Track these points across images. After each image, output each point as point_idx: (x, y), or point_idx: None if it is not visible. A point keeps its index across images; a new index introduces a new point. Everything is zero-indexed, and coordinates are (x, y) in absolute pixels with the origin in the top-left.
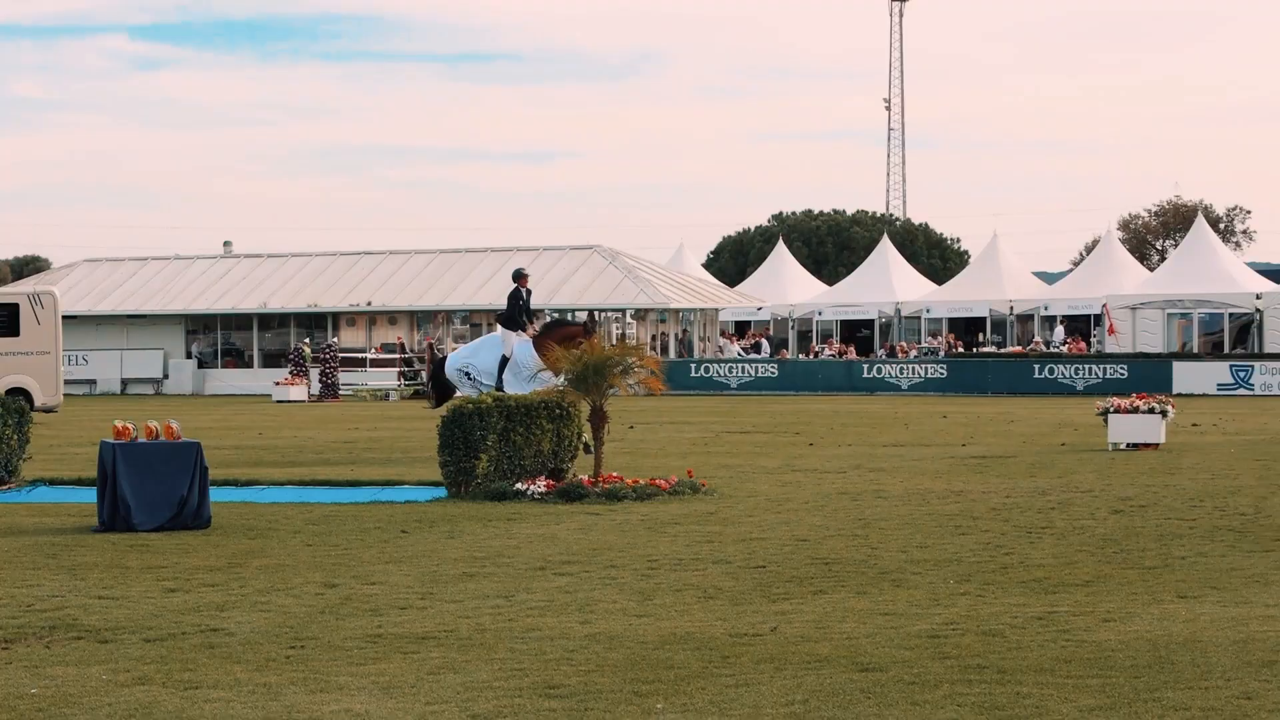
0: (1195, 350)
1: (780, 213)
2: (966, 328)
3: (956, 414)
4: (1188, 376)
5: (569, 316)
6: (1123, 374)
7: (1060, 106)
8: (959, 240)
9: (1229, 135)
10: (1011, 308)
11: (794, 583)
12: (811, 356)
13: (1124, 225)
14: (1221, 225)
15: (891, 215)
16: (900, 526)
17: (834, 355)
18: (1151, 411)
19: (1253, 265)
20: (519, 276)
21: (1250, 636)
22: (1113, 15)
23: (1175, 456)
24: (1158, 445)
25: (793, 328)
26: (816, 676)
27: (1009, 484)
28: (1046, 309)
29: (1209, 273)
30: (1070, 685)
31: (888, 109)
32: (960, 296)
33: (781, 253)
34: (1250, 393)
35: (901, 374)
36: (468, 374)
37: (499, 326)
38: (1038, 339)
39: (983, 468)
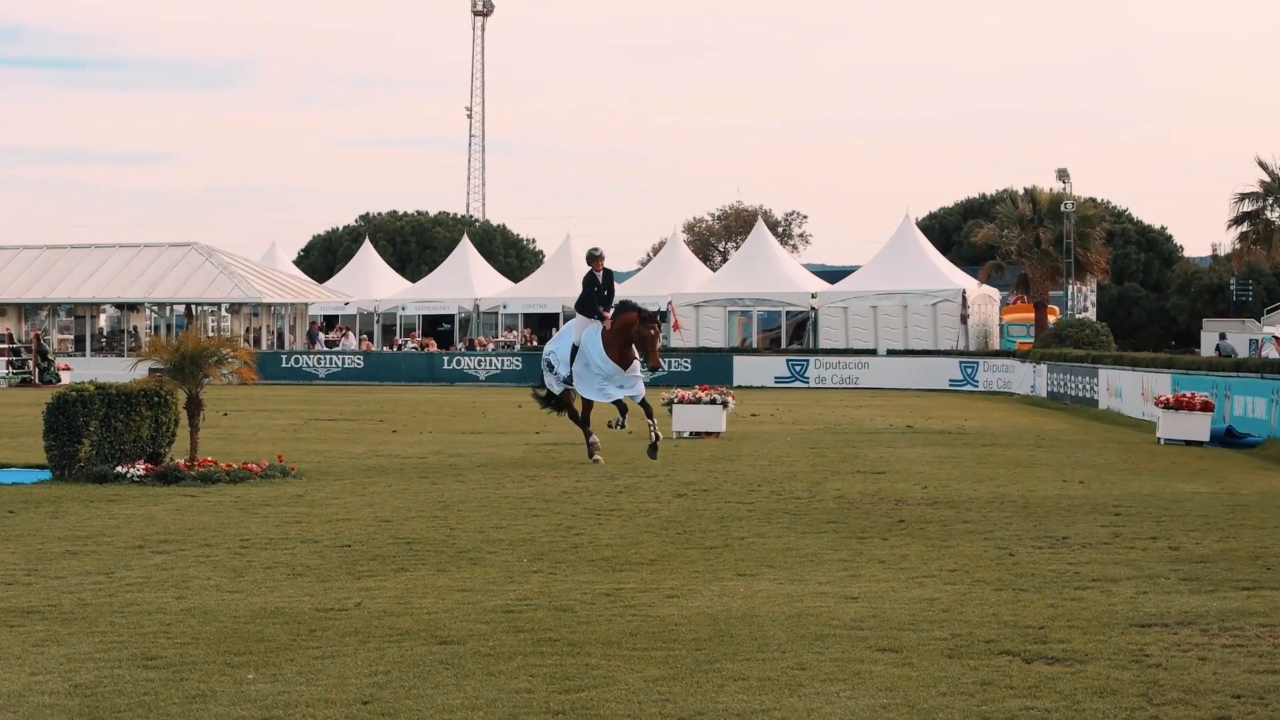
0: (754, 345)
1: (367, 213)
2: (541, 323)
3: (531, 404)
4: (747, 370)
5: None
6: (686, 367)
7: (630, 114)
8: (534, 241)
9: (787, 144)
10: None
11: (377, 561)
12: (395, 349)
13: (689, 228)
14: (780, 229)
15: (471, 217)
16: (477, 508)
17: (416, 348)
18: (713, 403)
19: (809, 266)
20: (592, 258)
21: (804, 611)
22: (680, 28)
23: (735, 444)
24: (719, 434)
25: (378, 321)
26: (398, 649)
27: (579, 469)
28: None
29: (768, 273)
30: (636, 657)
31: (469, 117)
32: (535, 293)
33: (368, 251)
34: (805, 385)
35: (480, 366)
36: (550, 364)
37: (576, 313)
38: None
39: (555, 454)
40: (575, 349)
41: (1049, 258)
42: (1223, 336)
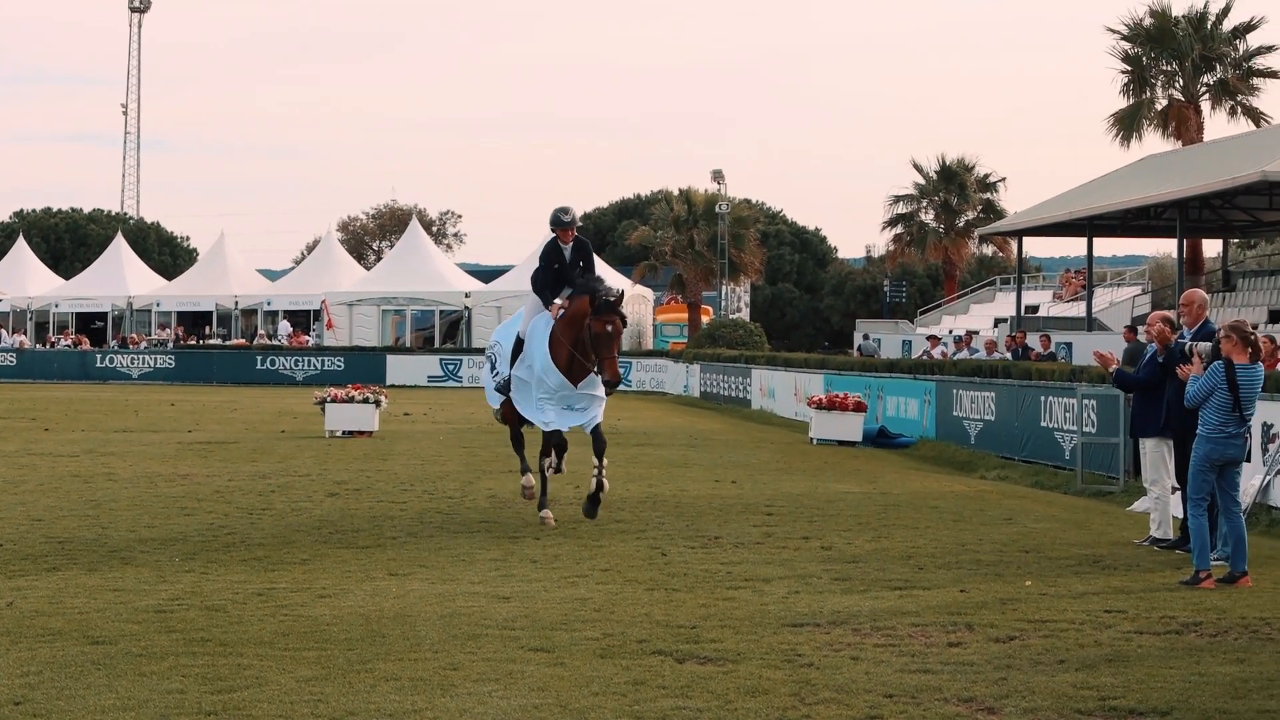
0: (408, 344)
1: (21, 210)
2: (194, 321)
3: (184, 402)
4: (401, 369)
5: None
6: (340, 366)
7: (286, 113)
8: (189, 239)
9: (442, 144)
10: (237, 303)
11: (29, 560)
12: (48, 347)
13: (343, 226)
14: (435, 228)
15: (126, 214)
16: (129, 508)
17: (70, 346)
18: (366, 401)
19: (463, 266)
20: (559, 224)
21: (456, 611)
22: (337, 26)
23: (388, 443)
24: (371, 433)
25: (31, 319)
26: (50, 649)
27: (231, 468)
28: (270, 304)
29: (422, 272)
30: (289, 657)
31: (124, 113)
32: (189, 291)
33: (21, 248)
34: (459, 384)
35: (133, 364)
36: (492, 362)
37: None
38: (261, 332)
39: (207, 453)
40: (519, 343)
41: (703, 258)
42: (866, 337)
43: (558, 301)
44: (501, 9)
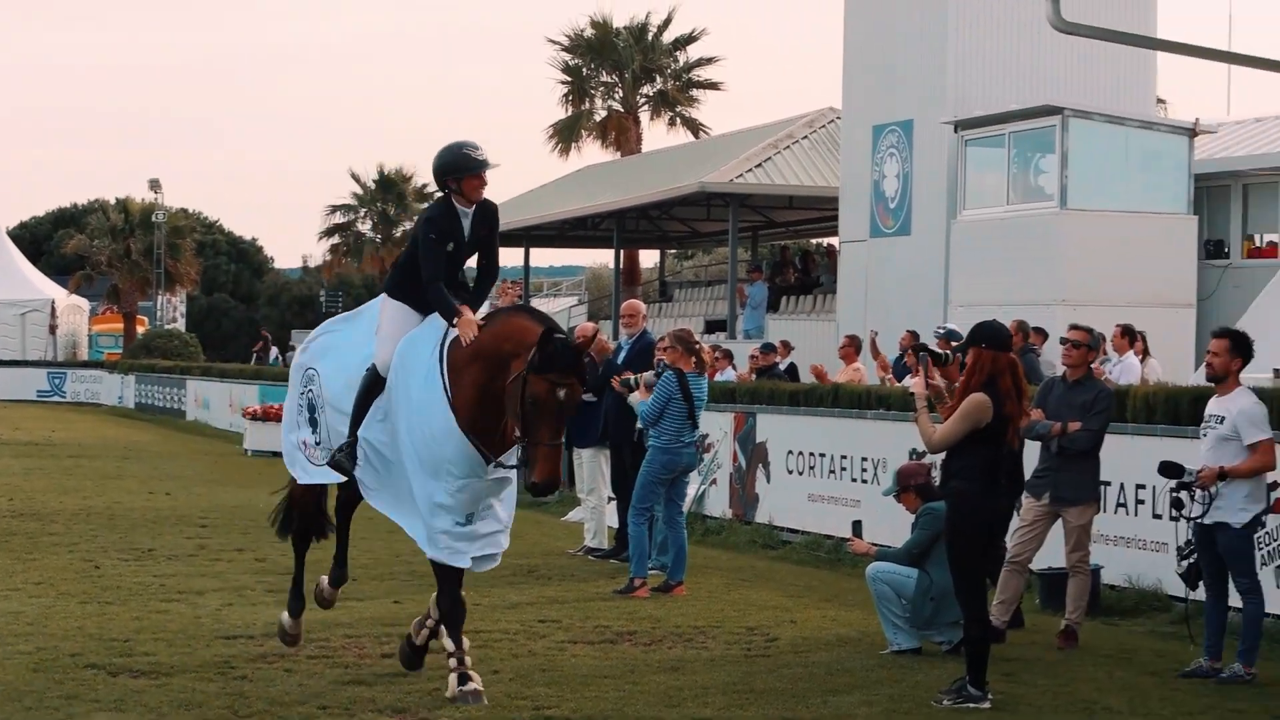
0: None
1: None
2: None
3: None
4: None
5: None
6: None
7: None
8: None
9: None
10: None
11: None
12: None
13: None
14: None
15: None
16: None
17: None
18: None
19: None
20: (464, 167)
21: None
22: None
23: None
24: None
25: None
26: None
27: None
28: None
29: None
30: None
31: None
32: None
33: None
34: None
35: None
36: (310, 412)
37: (383, 296)
38: None
39: None
40: (372, 382)
41: (139, 268)
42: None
43: (480, 310)
44: None
